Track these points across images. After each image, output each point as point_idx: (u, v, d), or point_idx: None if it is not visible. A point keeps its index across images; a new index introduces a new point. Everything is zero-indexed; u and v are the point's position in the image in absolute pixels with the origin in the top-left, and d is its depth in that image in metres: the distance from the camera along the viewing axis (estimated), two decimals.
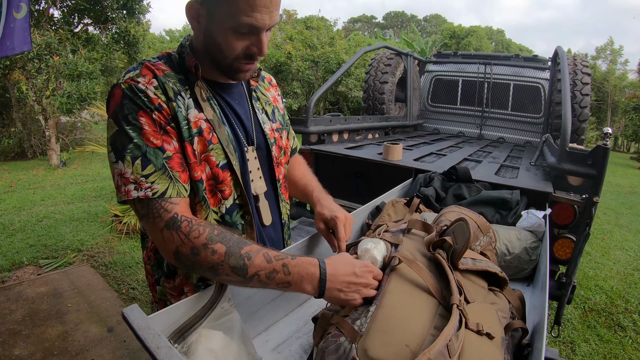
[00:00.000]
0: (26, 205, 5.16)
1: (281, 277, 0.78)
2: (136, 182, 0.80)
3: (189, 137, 0.88)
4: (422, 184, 1.82)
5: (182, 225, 0.79)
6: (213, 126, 0.92)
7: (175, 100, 0.87)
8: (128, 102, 0.82)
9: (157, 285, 1.03)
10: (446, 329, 0.65)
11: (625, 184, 10.51)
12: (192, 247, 0.78)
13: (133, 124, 0.81)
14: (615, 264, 4.52)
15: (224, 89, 0.99)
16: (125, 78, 0.84)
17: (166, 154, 0.83)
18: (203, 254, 0.77)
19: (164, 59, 0.93)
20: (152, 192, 0.80)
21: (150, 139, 0.82)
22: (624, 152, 22.68)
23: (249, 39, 0.86)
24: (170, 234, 0.79)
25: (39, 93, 7.67)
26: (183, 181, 0.85)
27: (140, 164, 0.81)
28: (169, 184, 0.82)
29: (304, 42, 14.03)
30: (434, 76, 5.16)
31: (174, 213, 0.81)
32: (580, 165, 1.68)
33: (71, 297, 3.01)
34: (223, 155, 0.93)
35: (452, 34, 29.13)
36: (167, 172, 0.83)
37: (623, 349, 2.89)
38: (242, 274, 0.77)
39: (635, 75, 19.30)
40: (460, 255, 0.83)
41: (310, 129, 2.71)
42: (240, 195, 0.97)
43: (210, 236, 0.78)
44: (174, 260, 0.81)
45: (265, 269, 0.77)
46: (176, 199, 0.83)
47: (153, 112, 0.83)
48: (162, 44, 23.00)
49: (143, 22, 8.54)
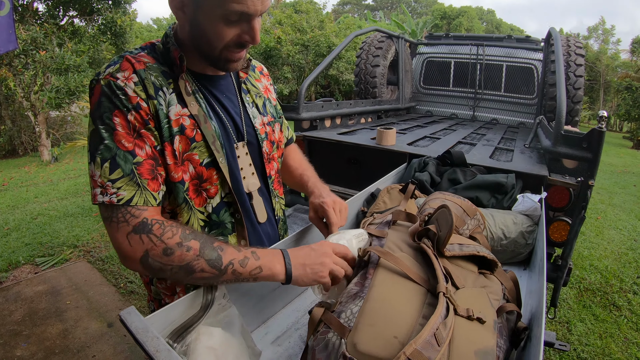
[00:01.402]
0: (20, 204, 5.12)
1: (252, 262, 0.79)
2: (103, 186, 0.77)
3: (169, 136, 0.84)
4: (417, 169, 1.82)
5: (154, 228, 0.77)
6: (198, 122, 0.88)
7: (155, 97, 0.83)
8: (105, 100, 0.79)
9: (151, 285, 1.02)
10: (432, 318, 0.65)
11: (618, 163, 10.58)
12: (165, 247, 0.76)
13: (107, 124, 0.78)
14: (610, 244, 4.57)
15: (212, 81, 0.95)
16: (105, 73, 0.81)
17: (136, 159, 0.80)
18: (178, 253, 0.76)
19: (147, 50, 0.89)
20: (117, 198, 0.77)
21: (122, 141, 0.79)
22: (616, 131, 22.79)
23: (240, 26, 0.82)
24: (139, 237, 0.76)
25: (27, 89, 7.56)
26: (152, 189, 0.81)
27: (109, 167, 0.77)
28: (135, 192, 0.79)
29: (293, 26, 13.90)
30: (426, 58, 5.12)
31: (142, 218, 0.78)
32: (576, 148, 1.67)
33: (69, 294, 3.00)
34: (207, 153, 0.89)
35: (443, 15, 28.92)
36: (135, 178, 0.79)
37: (618, 328, 2.93)
38: (217, 265, 0.77)
39: (628, 55, 19.29)
40: (445, 242, 0.83)
41: (302, 116, 2.68)
42: (229, 193, 0.94)
43: (184, 234, 0.78)
44: (139, 265, 0.77)
45: (237, 257, 0.79)
46: (143, 207, 0.79)
47: (130, 112, 0.80)
48: (149, 32, 22.64)
49: (129, 11, 8.41)
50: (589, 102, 22.65)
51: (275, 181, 1.10)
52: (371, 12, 22.36)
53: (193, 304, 0.78)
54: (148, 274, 0.84)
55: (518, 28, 43.85)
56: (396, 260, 0.80)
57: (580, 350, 2.64)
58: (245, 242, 0.99)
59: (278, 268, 0.81)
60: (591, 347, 2.68)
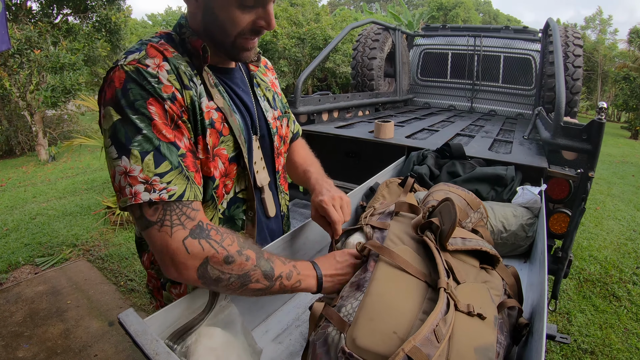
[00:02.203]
0: (18, 204, 5.10)
1: (295, 276, 0.80)
2: (147, 181, 0.68)
3: (202, 129, 0.80)
4: (416, 162, 1.81)
5: (211, 233, 0.72)
6: (225, 115, 0.84)
7: (190, 87, 0.78)
8: (135, 86, 0.70)
9: (162, 290, 0.98)
10: (432, 314, 0.64)
11: (616, 153, 10.59)
12: (227, 255, 0.71)
13: (141, 113, 0.70)
14: (609, 234, 4.58)
15: (226, 74, 0.92)
16: (129, 60, 0.73)
17: (180, 152, 0.73)
18: (238, 261, 0.72)
19: (165, 39, 0.82)
20: (169, 194, 0.69)
21: (163, 131, 0.71)
22: (614, 121, 22.79)
23: (255, 11, 0.78)
24: (199, 243, 0.69)
25: (22, 88, 7.50)
26: (198, 183, 0.76)
27: (153, 160, 0.69)
28: (186, 185, 0.72)
29: (289, 19, 13.81)
30: (423, 50, 5.10)
31: (198, 221, 0.72)
32: (575, 140, 1.67)
33: (70, 294, 3.00)
34: (234, 147, 0.86)
35: (440, 6, 28.75)
36: (184, 171, 0.72)
37: (618, 319, 2.94)
38: (270, 277, 0.76)
39: (625, 45, 19.25)
40: (448, 236, 0.82)
41: (299, 110, 2.67)
42: (244, 189, 0.91)
43: (240, 242, 0.75)
44: (194, 275, 0.70)
45: (284, 270, 0.78)
46: (196, 204, 0.73)
47: (165, 102, 0.72)
48: (144, 29, 22.48)
49: (124, 8, 8.35)
50: (586, 93, 22.65)
51: (281, 176, 1.09)
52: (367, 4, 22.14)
53: (192, 305, 0.77)
54: (199, 284, 0.73)
55: (515, 19, 43.67)
56: (394, 255, 0.79)
57: (580, 341, 2.65)
58: (252, 240, 0.97)
59: (312, 282, 0.83)
60: (591, 337, 2.69)
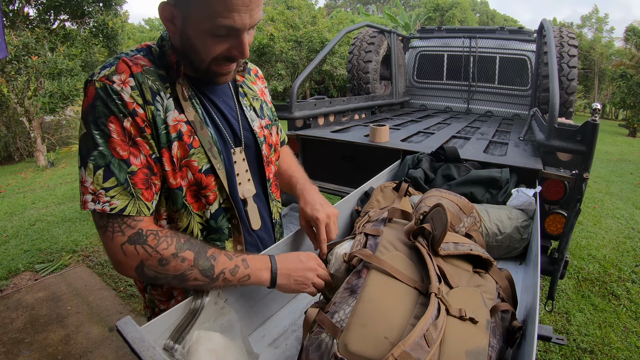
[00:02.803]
0: (17, 210, 5.10)
1: (242, 270, 0.83)
2: (95, 193, 0.76)
3: (166, 142, 0.83)
4: (411, 166, 1.82)
5: (149, 239, 0.78)
6: (194, 128, 0.86)
7: (153, 102, 0.81)
8: (100, 104, 0.77)
9: (145, 292, 1.02)
10: (422, 319, 0.65)
11: (614, 151, 10.60)
12: (161, 258, 0.78)
13: (101, 130, 0.76)
14: (607, 233, 4.58)
15: (208, 86, 0.94)
16: (100, 75, 0.78)
17: (130, 169, 0.78)
18: (173, 263, 0.78)
19: (144, 52, 0.87)
20: (110, 207, 0.76)
21: (117, 149, 0.77)
22: (612, 119, 22.82)
23: (229, 41, 0.80)
24: (134, 248, 0.77)
25: (20, 94, 7.51)
26: (145, 199, 0.81)
27: (102, 175, 0.76)
28: (129, 201, 0.78)
29: (285, 22, 13.85)
30: (419, 52, 5.11)
31: (137, 229, 0.79)
32: (570, 141, 1.67)
33: (70, 300, 3.00)
34: (206, 160, 0.88)
35: (436, 7, 28.84)
36: (129, 188, 0.78)
37: (617, 318, 2.95)
38: (210, 275, 0.81)
39: (622, 43, 19.29)
40: (440, 241, 0.83)
41: (295, 114, 2.67)
42: (227, 199, 0.93)
43: (179, 245, 0.80)
44: (133, 273, 0.79)
45: (228, 266, 0.82)
46: (138, 217, 0.79)
47: (126, 118, 0.78)
48: (142, 33, 22.51)
49: (120, 13, 8.36)
50: (584, 91, 22.66)
51: (273, 184, 1.09)
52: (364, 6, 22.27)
53: (188, 310, 0.79)
54: (142, 280, 0.85)
55: (512, 18, 43.73)
56: (384, 263, 0.80)
57: (579, 340, 2.66)
58: (241, 247, 0.99)
59: (265, 276, 0.86)
60: (591, 337, 2.70)
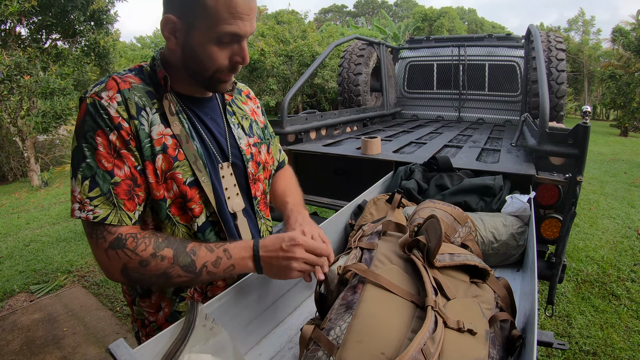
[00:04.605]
0: (12, 231, 5.06)
1: (225, 261, 0.85)
2: (81, 202, 0.81)
3: (150, 155, 0.86)
4: (403, 177, 1.82)
5: (127, 242, 0.82)
6: (180, 142, 0.90)
7: (137, 117, 0.85)
8: (89, 119, 0.82)
9: (134, 305, 1.02)
10: (419, 333, 0.64)
11: (607, 151, 10.69)
12: (141, 260, 0.81)
13: (89, 143, 0.82)
14: (604, 233, 4.59)
15: (197, 103, 0.97)
16: (91, 92, 0.84)
17: (114, 180, 0.82)
18: (153, 263, 0.81)
19: (135, 71, 0.92)
20: (94, 215, 0.80)
21: (102, 161, 0.82)
22: (603, 120, 23.05)
23: (231, 48, 0.86)
24: (116, 252, 0.81)
25: (13, 114, 7.50)
26: (127, 209, 0.84)
27: (88, 185, 0.81)
28: (110, 211, 0.82)
29: (276, 37, 13.96)
30: (408, 62, 5.16)
31: (117, 234, 0.82)
32: (562, 145, 1.68)
33: (66, 321, 2.97)
34: (190, 172, 0.90)
35: (424, 17, 29.15)
36: (112, 198, 0.82)
37: (619, 318, 2.94)
38: (192, 270, 0.83)
39: (609, 44, 19.55)
40: (435, 253, 0.83)
41: (287, 129, 2.68)
42: (213, 213, 0.95)
43: (157, 244, 0.83)
44: (120, 277, 0.82)
45: (210, 258, 0.84)
46: (117, 226, 0.83)
47: (112, 132, 0.83)
48: (133, 51, 22.56)
49: (112, 31, 8.39)
50: (574, 94, 22.91)
51: (261, 202, 1.10)
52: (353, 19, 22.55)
53: (177, 334, 0.77)
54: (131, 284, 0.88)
55: (500, 25, 44.21)
56: (379, 278, 0.80)
57: (582, 343, 2.65)
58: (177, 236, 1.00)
59: (249, 265, 0.87)
60: (593, 338, 2.69)
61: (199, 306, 0.80)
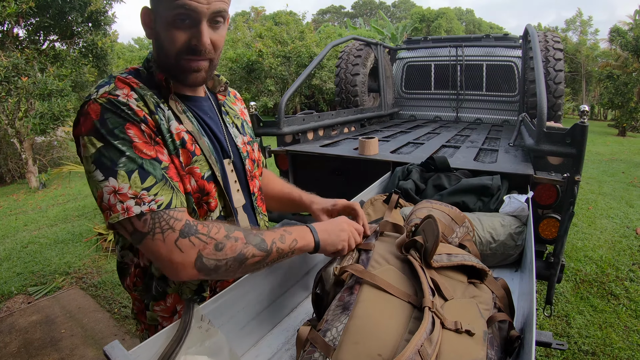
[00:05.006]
0: (9, 233, 5.05)
1: (288, 237, 0.87)
2: (136, 196, 0.75)
3: (173, 149, 0.86)
4: (401, 178, 1.82)
5: (198, 227, 0.78)
6: (195, 137, 0.90)
7: (156, 112, 0.85)
8: (111, 115, 0.78)
9: (146, 311, 0.99)
10: (416, 334, 0.64)
11: (605, 151, 10.70)
12: (217, 243, 0.78)
13: (121, 138, 0.77)
14: (603, 233, 4.60)
15: (195, 102, 0.98)
16: (100, 93, 0.80)
17: (163, 165, 0.81)
18: (229, 245, 0.79)
19: (133, 74, 0.90)
20: (157, 204, 0.76)
21: (144, 150, 0.79)
22: (601, 120, 23.10)
23: (190, 31, 0.84)
24: (189, 240, 0.76)
25: (10, 116, 7.47)
26: (182, 191, 0.84)
27: (139, 177, 0.76)
28: (172, 195, 0.79)
29: (274, 38, 13.98)
30: (406, 63, 5.15)
31: (185, 220, 0.78)
32: (560, 145, 1.68)
33: (64, 323, 2.96)
34: (207, 167, 0.91)
35: (422, 18, 29.18)
36: (168, 182, 0.80)
37: (618, 317, 2.94)
38: (264, 247, 0.83)
39: (607, 44, 19.59)
40: (432, 253, 0.83)
41: (284, 130, 2.67)
42: (225, 207, 0.96)
43: (227, 227, 0.82)
44: (193, 270, 0.77)
45: (275, 236, 0.85)
46: (181, 209, 0.80)
47: (141, 123, 0.80)
48: (131, 52, 22.56)
49: (110, 33, 8.37)
50: (571, 94, 22.95)
51: (258, 198, 1.12)
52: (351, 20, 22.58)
53: (173, 336, 0.77)
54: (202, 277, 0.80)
55: (497, 26, 44.29)
56: (376, 278, 0.79)
57: (581, 342, 2.64)
58: None
59: (309, 237, 0.91)
60: (592, 338, 2.69)
61: (194, 307, 0.80)
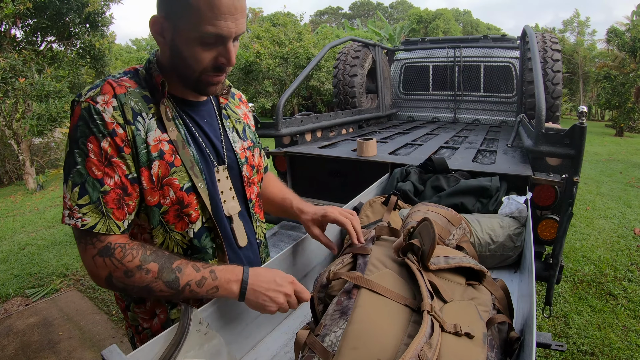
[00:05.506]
0: (7, 234, 5.03)
1: (209, 282, 0.83)
2: (71, 209, 0.80)
3: (146, 161, 0.85)
4: (399, 179, 1.81)
5: (116, 252, 0.81)
6: (176, 147, 0.89)
7: (134, 122, 0.84)
8: (82, 124, 0.81)
9: (127, 311, 1.01)
10: (415, 338, 0.63)
11: (603, 152, 10.73)
12: (126, 270, 0.80)
13: (81, 149, 0.80)
14: (601, 233, 4.60)
15: (193, 107, 0.96)
16: (86, 96, 0.82)
17: (104, 188, 0.81)
18: (137, 275, 0.80)
19: (130, 74, 0.90)
20: (82, 223, 0.80)
21: (93, 168, 0.81)
22: (598, 120, 23.16)
23: (216, 49, 0.83)
24: (103, 260, 0.80)
25: (8, 117, 7.44)
26: (116, 218, 0.83)
27: (78, 192, 0.80)
28: (99, 219, 0.81)
29: (271, 39, 13.98)
30: (404, 64, 5.15)
31: (107, 242, 0.81)
32: (558, 146, 1.67)
33: (62, 325, 2.95)
34: (187, 178, 0.90)
35: (419, 19, 29.28)
36: (101, 207, 0.81)
37: (616, 317, 2.94)
38: (175, 287, 0.82)
39: (604, 45, 19.65)
40: (429, 256, 0.82)
41: (282, 131, 2.67)
42: (209, 219, 0.94)
43: (144, 257, 0.82)
44: (104, 284, 0.82)
45: (195, 277, 0.83)
46: (104, 235, 0.82)
47: (104, 139, 0.81)
48: (129, 54, 22.50)
49: (107, 34, 8.34)
50: (569, 95, 23.02)
51: (255, 205, 1.10)
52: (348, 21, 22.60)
53: (171, 339, 0.76)
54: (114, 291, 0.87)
55: (495, 27, 44.32)
56: (372, 284, 0.79)
57: (579, 343, 2.65)
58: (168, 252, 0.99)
59: (234, 289, 0.85)
60: (590, 339, 2.69)
61: (192, 311, 0.80)
